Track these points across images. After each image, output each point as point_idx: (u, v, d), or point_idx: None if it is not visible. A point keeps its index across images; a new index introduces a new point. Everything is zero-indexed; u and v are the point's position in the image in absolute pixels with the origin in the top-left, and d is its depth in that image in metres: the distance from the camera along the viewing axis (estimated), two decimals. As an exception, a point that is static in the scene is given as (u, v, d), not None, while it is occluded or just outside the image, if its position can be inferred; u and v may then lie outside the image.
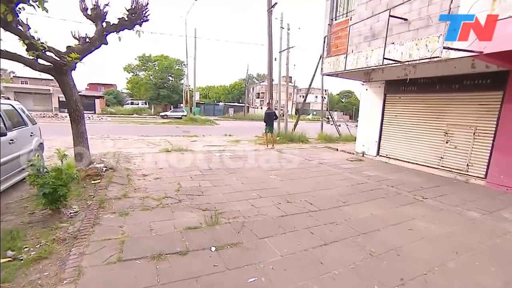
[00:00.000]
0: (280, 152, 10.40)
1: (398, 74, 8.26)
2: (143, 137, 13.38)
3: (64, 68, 5.08)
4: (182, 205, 4.38)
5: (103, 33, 5.63)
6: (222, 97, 66.13)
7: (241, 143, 12.75)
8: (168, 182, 5.55)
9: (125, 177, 5.69)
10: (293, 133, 14.96)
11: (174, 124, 24.04)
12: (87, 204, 4.03)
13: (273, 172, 6.96)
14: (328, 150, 11.70)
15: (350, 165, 8.43)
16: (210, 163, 7.67)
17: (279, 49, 16.04)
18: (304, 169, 7.50)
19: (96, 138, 12.03)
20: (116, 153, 8.11)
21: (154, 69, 43.60)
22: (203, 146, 11.05)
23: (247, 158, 8.72)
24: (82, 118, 5.57)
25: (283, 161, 8.55)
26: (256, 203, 4.63)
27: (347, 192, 5.57)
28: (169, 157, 8.28)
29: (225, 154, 9.17)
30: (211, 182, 5.76)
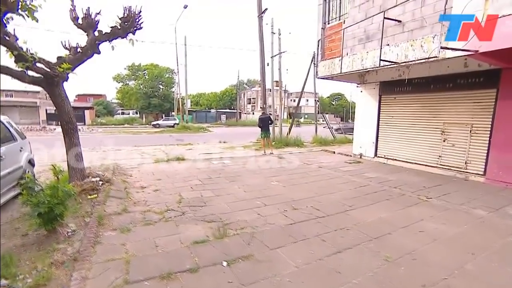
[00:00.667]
0: (278, 157, 10.29)
1: (392, 75, 8.30)
2: (137, 147, 13.09)
3: (56, 79, 4.85)
4: (186, 217, 4.19)
5: (95, 42, 5.42)
6: (214, 104, 65.90)
7: (237, 149, 12.61)
8: (169, 194, 5.35)
9: (122, 190, 5.46)
10: (288, 137, 14.94)
11: (167, 133, 23.73)
12: (85, 222, 3.79)
13: (274, 178, 6.84)
14: (326, 153, 11.65)
15: (349, 167, 8.37)
16: (209, 171, 7.50)
17: (270, 54, 16.04)
18: (304, 174, 7.40)
19: (89, 150, 11.66)
20: (111, 165, 7.82)
21: (144, 78, 43.22)
22: (199, 154, 10.86)
23: (246, 165, 8.58)
24: (76, 130, 5.33)
25: (282, 166, 8.45)
26: (262, 212, 4.49)
27: (351, 195, 5.47)
28: (166, 167, 8.09)
29: (223, 162, 9.02)
30: (213, 191, 5.59)
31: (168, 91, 44.59)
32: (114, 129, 28.43)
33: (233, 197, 5.25)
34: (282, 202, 4.98)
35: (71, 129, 5.24)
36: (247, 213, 4.41)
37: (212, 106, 64.53)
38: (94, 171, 6.01)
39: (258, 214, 4.40)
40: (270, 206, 4.77)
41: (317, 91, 17.51)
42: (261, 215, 4.36)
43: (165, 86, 44.92)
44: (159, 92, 43.99)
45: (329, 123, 19.93)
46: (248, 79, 78.30)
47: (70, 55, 5.29)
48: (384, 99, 8.94)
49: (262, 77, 14.15)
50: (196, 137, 20.03)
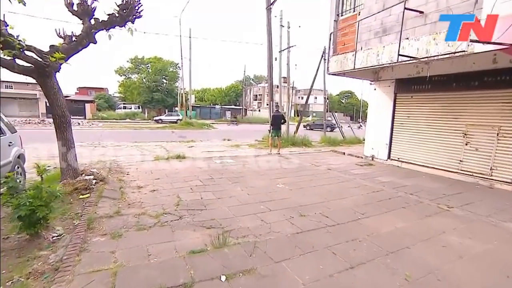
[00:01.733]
0: (285, 157, 10.06)
1: (409, 72, 7.94)
2: (137, 143, 12.98)
3: (47, 69, 4.66)
4: (183, 222, 3.97)
5: (91, 31, 5.22)
6: (219, 100, 65.86)
7: (241, 148, 12.43)
8: (166, 195, 5.16)
9: (117, 190, 5.28)
10: (295, 137, 14.70)
11: (169, 129, 23.68)
12: (74, 225, 3.60)
13: (280, 180, 6.61)
14: (335, 154, 11.37)
15: (360, 170, 8.08)
16: (211, 171, 7.31)
17: (279, 49, 15.76)
18: (312, 176, 7.16)
19: (86, 145, 11.62)
20: (107, 162, 7.69)
21: (147, 72, 43.27)
22: (202, 152, 10.70)
23: (250, 165, 8.37)
24: (69, 125, 5.15)
25: (289, 167, 8.22)
26: (266, 218, 4.25)
27: (364, 201, 5.20)
28: (165, 165, 7.92)
29: (226, 161, 8.82)
30: (214, 193, 5.38)
31: (172, 86, 44.63)
32: (115, 123, 28.49)
33: (235, 200, 5.05)
34: (288, 207, 4.75)
35: (64, 123, 5.06)
36: (250, 219, 4.18)
37: (217, 102, 64.52)
38: (88, 169, 5.85)
39: (262, 220, 4.17)
40: (275, 211, 4.54)
41: (326, 89, 17.20)
42: (265, 221, 4.12)
43: (169, 81, 44.97)
44: (163, 86, 44.03)
45: (339, 122, 19.61)
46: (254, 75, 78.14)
47: (64, 44, 5.10)
48: (399, 97, 8.60)
49: (269, 72, 13.87)
50: (199, 134, 19.91)
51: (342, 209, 4.77)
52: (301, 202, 5.00)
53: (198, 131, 23.33)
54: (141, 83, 42.72)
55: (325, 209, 4.71)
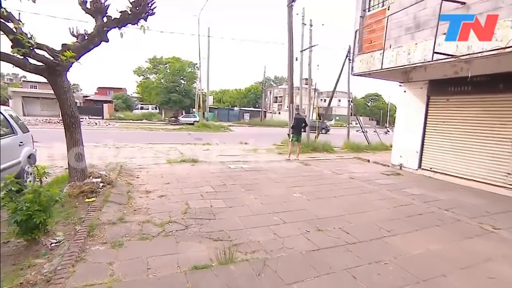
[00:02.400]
0: (304, 163, 9.81)
1: (445, 72, 7.45)
2: (151, 145, 13.21)
3: (58, 68, 4.73)
4: (189, 232, 3.85)
5: (103, 29, 5.27)
6: (237, 102, 66.22)
7: (258, 152, 12.32)
8: (175, 201, 5.09)
9: (124, 194, 5.27)
10: (316, 141, 14.40)
11: (186, 131, 23.97)
12: (75, 230, 3.56)
13: (297, 188, 6.40)
14: (358, 161, 10.98)
15: (387, 180, 7.68)
16: (224, 177, 7.22)
17: (300, 48, 15.52)
18: (333, 185, 6.89)
19: (101, 146, 11.91)
20: (118, 164, 7.77)
21: (165, 72, 44.16)
22: (216, 156, 10.69)
23: (267, 171, 8.21)
24: (78, 125, 5.20)
25: (307, 175, 7.98)
26: (279, 231, 4.04)
27: (390, 216, 4.86)
28: (177, 169, 7.93)
29: (241, 166, 8.72)
30: (225, 201, 5.26)
31: (190, 87, 45.28)
32: (132, 124, 29.27)
33: (247, 209, 4.90)
34: (304, 219, 4.53)
35: (73, 123, 5.12)
36: (261, 232, 4.00)
37: (236, 104, 64.90)
38: (97, 171, 5.90)
39: (275, 233, 3.97)
40: (290, 224, 4.33)
41: (350, 91, 16.72)
42: (278, 235, 3.92)
43: (187, 81, 45.66)
44: (180, 87, 44.77)
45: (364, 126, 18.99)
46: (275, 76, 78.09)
47: (76, 42, 5.17)
48: (433, 100, 8.11)
49: (290, 73, 13.66)
50: (215, 136, 19.99)
51: (365, 224, 4.48)
52: (319, 215, 4.77)
53: (214, 133, 23.46)
54: (159, 83, 43.68)
55: (346, 224, 4.44)
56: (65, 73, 5.05)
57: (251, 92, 66.42)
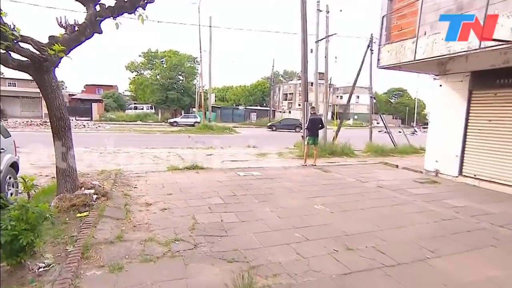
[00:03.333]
0: (323, 169, 9.71)
1: (493, 62, 7.16)
2: (148, 149, 13.25)
3: (45, 64, 4.68)
4: (199, 253, 3.74)
5: (96, 19, 5.21)
6: (242, 100, 66.25)
7: (269, 157, 12.31)
8: (179, 215, 5.03)
9: (122, 207, 5.21)
10: (334, 144, 14.27)
11: (186, 133, 24.03)
12: (66, 251, 3.47)
13: (318, 199, 6.31)
14: (385, 167, 10.85)
15: (421, 189, 7.49)
16: (234, 186, 7.17)
17: (315, 38, 15.41)
18: (359, 195, 6.79)
19: (91, 151, 11.94)
20: (112, 173, 7.74)
21: (162, 67, 44.48)
22: (222, 161, 10.67)
23: (281, 179, 8.15)
24: (68, 129, 5.14)
25: (328, 183, 7.90)
26: (302, 250, 3.92)
27: (431, 233, 4.69)
28: (180, 177, 7.91)
29: (252, 174, 8.67)
30: (237, 215, 5.18)
31: (189, 83, 45.53)
32: (125, 126, 29.48)
33: (263, 224, 4.82)
34: (330, 236, 4.42)
35: (63, 127, 5.06)
36: (281, 251, 3.89)
37: (241, 102, 64.98)
38: (89, 181, 5.84)
39: (297, 253, 3.85)
40: (313, 241, 4.23)
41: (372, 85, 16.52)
42: (302, 255, 3.80)
43: (186, 77, 45.96)
44: (178, 84, 45.05)
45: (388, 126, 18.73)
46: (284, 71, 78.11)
47: (65, 34, 5.11)
48: (476, 95, 7.88)
49: (304, 67, 13.50)
50: (220, 139, 19.94)
51: (402, 242, 4.32)
52: (346, 230, 4.66)
53: (218, 136, 23.45)
54: (155, 80, 43.97)
55: (379, 241, 4.29)
56: (53, 69, 4.99)
57: (257, 89, 66.44)
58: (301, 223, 4.89)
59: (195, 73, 44.84)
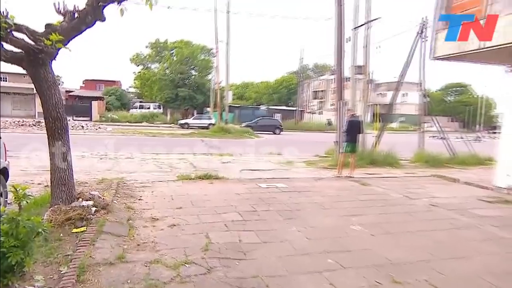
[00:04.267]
0: (361, 182, 9.69)
1: None
2: (155, 155, 13.58)
3: (41, 56, 4.83)
4: (213, 279, 3.75)
5: (98, 4, 5.34)
6: (265, 98, 66.69)
7: (297, 166, 12.46)
8: (191, 233, 5.09)
9: (124, 222, 5.31)
10: (375, 152, 14.10)
11: (198, 136, 24.40)
12: (60, 273, 3.53)
13: (355, 218, 6.26)
14: (440, 180, 10.75)
15: (489, 210, 7.31)
16: (254, 200, 7.26)
17: (353, 25, 15.28)
18: (406, 215, 6.70)
19: (90, 156, 12.29)
20: (114, 182, 7.93)
21: (171, 60, 45.35)
22: (241, 170, 10.87)
23: (311, 193, 8.19)
24: (65, 131, 5.29)
25: (368, 199, 7.87)
26: (337, 281, 3.84)
27: (504, 268, 4.47)
28: (191, 188, 8.10)
29: (276, 186, 8.76)
30: (258, 234, 5.19)
31: (203, 79, 46.19)
32: (128, 127, 30.24)
33: (289, 246, 4.82)
34: (371, 264, 4.33)
35: (59, 128, 5.20)
36: (312, 281, 3.83)
37: (263, 101, 65.32)
38: (88, 191, 6.01)
39: (332, 284, 3.78)
40: (350, 270, 4.15)
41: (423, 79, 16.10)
42: (337, 287, 3.68)
43: (199, 72, 46.66)
44: (191, 79, 45.78)
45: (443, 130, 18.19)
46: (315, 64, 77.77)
47: (64, 22, 5.27)
48: None
49: (339, 58, 13.41)
50: (238, 144, 20.17)
51: (464, 277, 4.14)
52: (391, 257, 4.55)
53: (236, 140, 23.65)
54: (163, 75, 44.91)
55: (434, 274, 4.13)
56: (50, 62, 5.15)
57: (282, 85, 66.67)
58: (335, 247, 4.85)
59: (210, 67, 45.48)
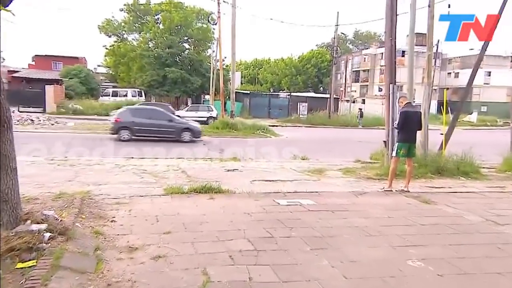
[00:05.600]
0: (421, 199, 9.58)
1: None
2: (135, 160, 13.69)
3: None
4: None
5: None
6: (285, 82, 66.59)
7: (329, 175, 12.49)
8: (183, 268, 5.09)
9: (90, 253, 5.32)
10: (442, 155, 14.16)
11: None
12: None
13: (414, 250, 6.21)
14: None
15: None
16: (269, 221, 7.26)
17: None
18: (492, 248, 6.55)
19: (44, 162, 12.40)
20: (77, 196, 7.94)
21: (156, 29, 45.56)
22: (252, 181, 10.87)
23: (350, 213, 8.17)
24: (8, 128, 5.32)
25: (432, 223, 7.76)
26: None
27: None
28: (184, 205, 8.10)
29: (300, 202, 8.71)
30: (275, 270, 5.16)
31: (200, 55, 46.35)
32: (98, 122, 30.47)
33: None
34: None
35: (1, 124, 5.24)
36: None
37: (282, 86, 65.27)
38: (40, 209, 6.02)
39: None
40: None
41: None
42: None
43: (195, 46, 46.80)
44: (183, 56, 45.90)
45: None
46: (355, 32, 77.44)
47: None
48: None
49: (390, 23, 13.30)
50: (248, 145, 20.18)
51: None
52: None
53: (246, 138, 23.72)
54: (145, 49, 45.18)
55: None
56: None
57: (310, 63, 66.37)
58: (386, 292, 4.82)
59: (210, 38, 45.66)
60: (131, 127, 21.74)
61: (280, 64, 70.69)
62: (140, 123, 21.89)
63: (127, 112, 23.99)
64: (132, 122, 21.88)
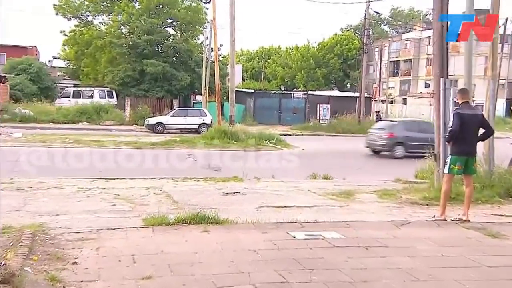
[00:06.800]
0: (488, 233, 9.45)
1: None
2: (105, 182, 13.77)
3: None
4: None
5: None
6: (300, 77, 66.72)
7: (359, 199, 12.63)
8: None
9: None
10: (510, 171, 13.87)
11: (183, 146, 24.51)
12: None
13: None
14: None
15: None
16: (283, 262, 7.16)
17: None
18: None
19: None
20: (28, 231, 7.93)
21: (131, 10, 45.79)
22: (259, 208, 10.90)
23: (389, 250, 8.11)
24: None
25: (503, 265, 7.66)
26: None
27: None
28: (170, 241, 8.07)
29: (322, 235, 8.68)
30: None
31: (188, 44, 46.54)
32: (54, 132, 30.53)
33: None
34: None
35: None
36: None
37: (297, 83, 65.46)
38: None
39: None
40: None
41: None
42: None
43: (182, 31, 47.06)
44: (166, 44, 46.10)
45: None
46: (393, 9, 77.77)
47: None
48: None
49: None
50: (252, 160, 20.17)
51: None
52: None
53: (250, 152, 23.78)
54: (117, 36, 45.40)
55: None
56: None
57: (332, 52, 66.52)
58: None
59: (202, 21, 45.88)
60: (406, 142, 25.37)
61: (294, 54, 70.74)
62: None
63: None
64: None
